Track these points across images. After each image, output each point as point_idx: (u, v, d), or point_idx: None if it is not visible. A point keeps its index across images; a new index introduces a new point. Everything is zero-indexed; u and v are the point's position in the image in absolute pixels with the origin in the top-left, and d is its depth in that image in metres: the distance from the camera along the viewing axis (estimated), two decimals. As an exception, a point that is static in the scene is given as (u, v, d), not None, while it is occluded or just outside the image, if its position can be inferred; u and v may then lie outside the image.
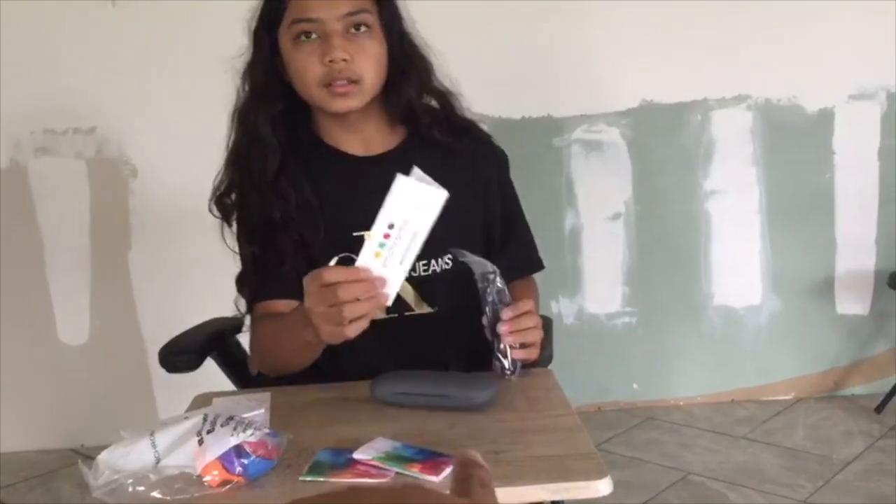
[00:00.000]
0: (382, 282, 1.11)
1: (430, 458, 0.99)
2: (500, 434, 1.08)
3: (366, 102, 1.35)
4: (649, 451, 2.55)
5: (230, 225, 1.42)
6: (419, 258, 1.31)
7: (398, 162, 1.37)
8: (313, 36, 1.29)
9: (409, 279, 1.37)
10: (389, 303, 1.14)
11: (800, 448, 2.53)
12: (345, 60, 1.28)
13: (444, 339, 1.40)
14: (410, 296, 1.40)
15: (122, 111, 2.72)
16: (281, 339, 1.30)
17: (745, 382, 2.88)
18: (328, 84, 1.30)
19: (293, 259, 1.34)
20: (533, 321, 1.25)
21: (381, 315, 1.33)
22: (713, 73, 2.74)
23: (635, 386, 2.91)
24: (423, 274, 1.38)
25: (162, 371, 2.79)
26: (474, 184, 1.45)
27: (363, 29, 1.31)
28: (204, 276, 2.71)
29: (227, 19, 2.63)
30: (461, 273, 1.37)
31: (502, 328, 1.23)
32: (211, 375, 1.59)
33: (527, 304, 1.26)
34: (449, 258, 1.39)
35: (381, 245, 1.11)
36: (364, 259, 1.11)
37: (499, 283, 1.25)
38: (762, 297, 2.85)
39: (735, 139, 2.78)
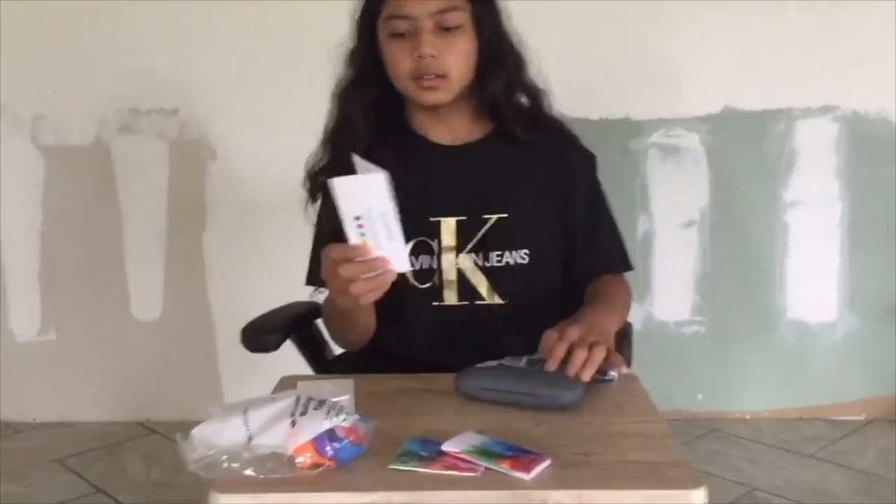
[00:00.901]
0: (384, 260, 1.13)
1: (521, 455, 0.98)
2: (589, 436, 1.07)
3: (453, 96, 1.39)
4: (713, 464, 2.50)
5: (314, 201, 1.47)
6: (493, 249, 1.37)
7: (479, 153, 1.44)
8: (407, 31, 1.35)
9: (482, 269, 1.38)
10: (404, 268, 1.15)
11: (871, 471, 2.46)
12: (433, 56, 1.34)
13: (513, 331, 1.40)
14: (483, 285, 1.41)
15: (205, 94, 2.77)
16: (332, 310, 1.38)
17: (814, 400, 2.81)
18: (417, 78, 1.36)
19: None
20: (580, 355, 1.17)
21: (453, 301, 1.39)
22: (799, 82, 2.68)
23: (700, 396, 2.86)
24: (496, 265, 1.40)
25: (229, 351, 2.88)
26: (555, 182, 1.45)
27: (453, 26, 1.35)
28: (275, 261, 2.75)
29: (316, 6, 2.68)
30: (536, 268, 1.40)
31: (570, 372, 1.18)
32: (277, 359, 1.60)
33: (552, 341, 1.20)
34: (525, 253, 1.40)
35: (362, 235, 1.13)
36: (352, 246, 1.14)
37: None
38: (837, 313, 2.78)
39: (819, 151, 2.71)
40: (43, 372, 2.93)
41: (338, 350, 1.61)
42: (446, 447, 1.00)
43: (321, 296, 1.46)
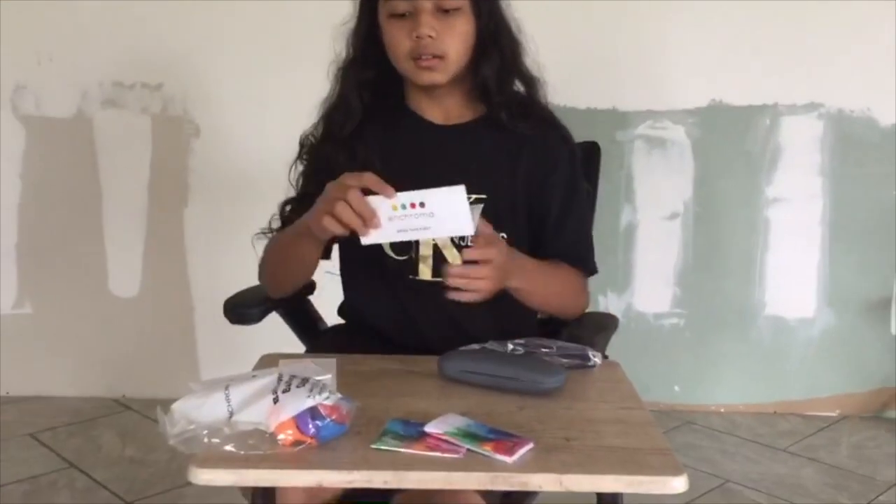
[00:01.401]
0: (377, 221, 1.18)
1: (503, 438, 0.98)
2: (571, 421, 1.07)
3: (450, 77, 1.41)
4: (687, 456, 2.52)
5: (301, 161, 1.51)
6: None
7: (467, 134, 1.47)
8: (406, 12, 1.37)
9: (458, 247, 1.39)
10: (365, 242, 1.20)
11: (843, 466, 2.48)
12: (431, 37, 1.36)
13: (484, 310, 1.39)
14: (457, 263, 1.40)
15: (190, 71, 2.74)
16: (284, 240, 1.42)
17: (790, 395, 2.84)
18: (416, 58, 1.38)
19: None
20: (482, 272, 1.22)
21: (427, 277, 1.40)
22: (786, 79, 2.69)
23: (677, 388, 2.88)
24: (471, 244, 1.37)
25: (207, 329, 2.86)
26: (536, 170, 1.45)
27: (453, 8, 1.37)
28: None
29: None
30: (513, 246, 1.39)
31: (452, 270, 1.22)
32: (255, 338, 1.59)
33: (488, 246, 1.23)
34: (502, 236, 1.39)
35: (403, 206, 1.17)
36: (379, 199, 1.17)
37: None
38: (816, 310, 2.80)
39: (803, 147, 2.73)
40: (18, 345, 2.89)
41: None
42: (429, 428, 1.00)
43: (261, 244, 1.49)
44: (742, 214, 2.78)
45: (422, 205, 1.16)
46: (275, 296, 1.51)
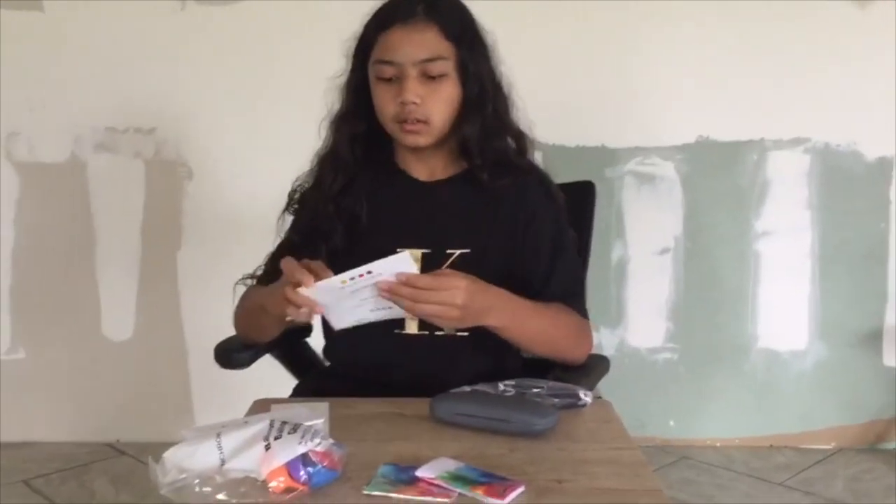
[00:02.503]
0: (321, 308, 1.23)
1: (495, 482, 0.99)
2: (562, 463, 1.07)
3: (434, 140, 1.44)
4: (684, 491, 2.51)
5: (288, 212, 1.54)
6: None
7: (449, 190, 1.48)
8: (393, 76, 1.39)
9: None
10: (337, 328, 1.28)
11: (839, 500, 2.48)
12: (415, 103, 1.38)
13: (472, 359, 1.42)
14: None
15: (182, 115, 2.77)
16: (252, 304, 1.44)
17: (784, 428, 2.84)
18: (401, 121, 1.41)
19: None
20: (446, 297, 1.21)
21: (413, 331, 1.41)
22: (772, 114, 2.73)
23: (672, 423, 2.88)
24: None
25: (201, 373, 2.85)
26: (518, 223, 1.46)
27: (438, 74, 1.39)
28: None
29: (294, 33, 2.71)
30: None
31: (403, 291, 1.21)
32: (249, 381, 1.61)
33: (446, 278, 1.23)
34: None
35: (352, 279, 1.19)
36: (326, 282, 1.19)
37: None
38: (808, 343, 2.81)
39: (790, 181, 2.76)
40: (11, 391, 2.88)
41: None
42: (420, 473, 1.00)
43: (241, 290, 1.51)
44: (732, 248, 2.80)
45: (369, 273, 1.18)
46: (245, 343, 1.53)
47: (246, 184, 2.75)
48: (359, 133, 1.46)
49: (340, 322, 1.27)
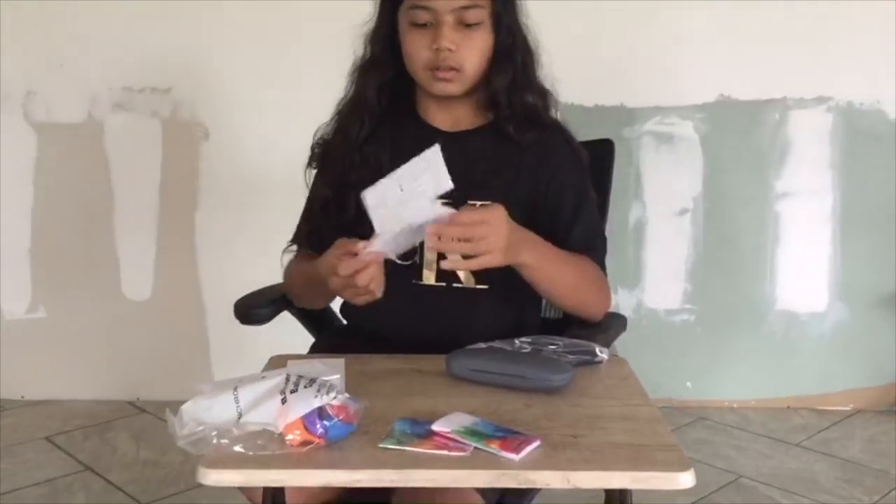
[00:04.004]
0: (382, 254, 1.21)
1: (510, 436, 0.99)
2: (578, 419, 1.07)
3: (464, 89, 1.43)
4: (700, 451, 2.52)
5: (311, 167, 1.54)
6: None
7: (473, 141, 1.47)
8: (428, 22, 1.39)
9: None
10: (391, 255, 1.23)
11: (856, 461, 2.48)
12: (450, 50, 1.38)
13: (490, 314, 1.43)
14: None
15: (199, 74, 2.76)
16: (308, 280, 1.42)
17: (802, 390, 2.83)
18: (433, 69, 1.40)
19: (350, 220, 1.40)
20: (481, 230, 1.19)
21: (431, 282, 1.41)
22: (794, 72, 2.69)
23: (689, 384, 2.87)
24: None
25: (219, 332, 2.87)
26: (541, 177, 1.45)
27: (473, 22, 1.39)
28: (266, 241, 2.72)
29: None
30: None
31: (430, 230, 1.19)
32: (267, 339, 1.61)
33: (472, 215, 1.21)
34: None
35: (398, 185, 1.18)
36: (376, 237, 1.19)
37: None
38: (827, 304, 2.79)
39: (812, 141, 2.72)
40: (32, 350, 2.92)
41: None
42: (436, 427, 1.00)
43: (288, 256, 1.52)
44: (752, 209, 2.77)
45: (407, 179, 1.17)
46: (303, 307, 1.58)
47: (262, 143, 2.74)
48: (386, 80, 1.46)
49: (398, 249, 1.23)
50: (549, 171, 1.45)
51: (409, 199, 1.18)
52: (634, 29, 2.68)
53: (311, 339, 1.65)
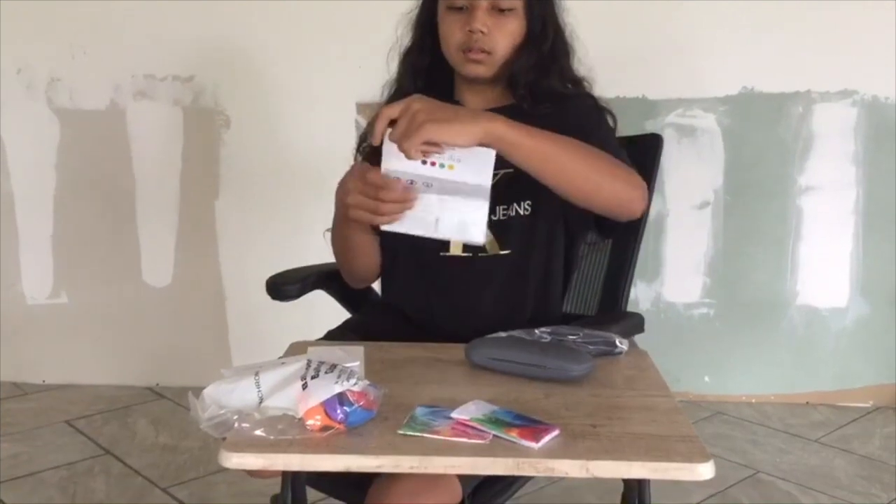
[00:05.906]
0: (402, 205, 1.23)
1: (530, 425, 0.99)
2: (597, 408, 1.07)
3: (494, 72, 1.48)
4: (718, 446, 2.51)
5: (360, 150, 1.57)
6: (500, 203, 1.43)
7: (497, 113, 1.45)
8: (464, 6, 1.45)
9: (488, 223, 1.38)
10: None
11: (875, 457, 2.46)
12: (482, 32, 1.44)
13: (515, 281, 1.46)
14: (488, 238, 1.44)
15: (220, 62, 2.77)
16: (338, 230, 1.47)
17: (822, 386, 2.81)
18: (466, 50, 1.46)
19: None
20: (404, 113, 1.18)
21: (458, 252, 1.45)
22: (819, 65, 2.66)
23: (707, 379, 2.86)
24: (501, 218, 1.45)
25: (239, 319, 2.89)
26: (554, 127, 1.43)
27: (507, 8, 1.45)
28: (286, 229, 2.76)
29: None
30: (538, 217, 1.45)
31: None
32: (286, 327, 1.64)
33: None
34: (529, 203, 1.45)
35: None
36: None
37: None
38: (849, 300, 2.77)
39: (836, 135, 2.69)
40: (53, 334, 2.95)
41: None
42: (455, 414, 1.01)
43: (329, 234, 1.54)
44: (774, 203, 2.75)
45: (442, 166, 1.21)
46: (358, 286, 1.59)
47: (283, 132, 2.75)
48: (421, 66, 1.53)
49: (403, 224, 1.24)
50: (566, 128, 1.40)
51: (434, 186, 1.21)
52: (657, 19, 2.66)
53: (327, 327, 1.66)
